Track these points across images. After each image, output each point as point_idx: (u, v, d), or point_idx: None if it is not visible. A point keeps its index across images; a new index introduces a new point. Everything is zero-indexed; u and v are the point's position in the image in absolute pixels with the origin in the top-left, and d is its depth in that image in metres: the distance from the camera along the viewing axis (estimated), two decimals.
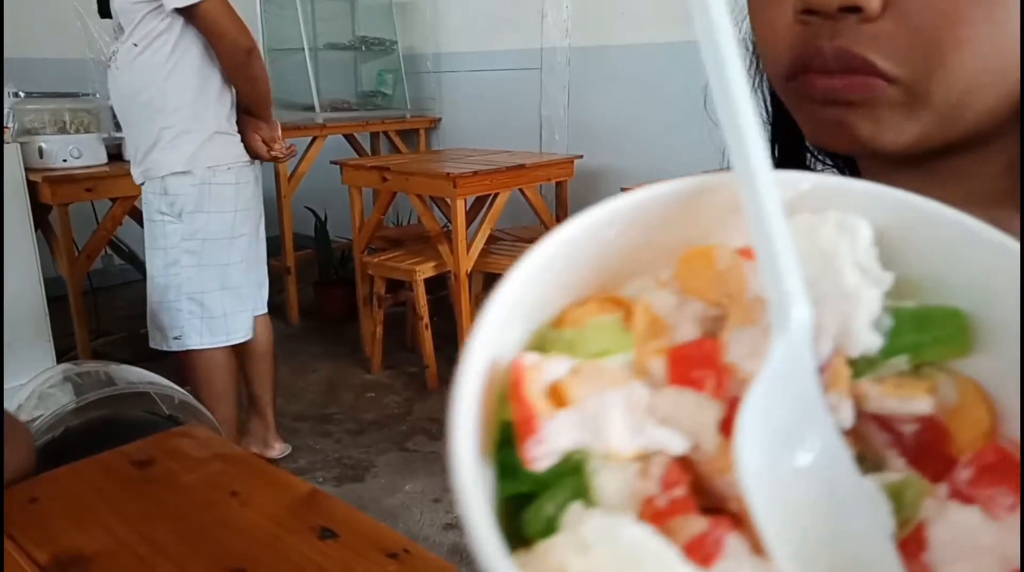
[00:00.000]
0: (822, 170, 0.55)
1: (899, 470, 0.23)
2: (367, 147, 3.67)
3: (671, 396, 0.22)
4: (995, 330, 0.23)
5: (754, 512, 0.20)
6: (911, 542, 0.21)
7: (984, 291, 0.23)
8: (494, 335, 0.21)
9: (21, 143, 2.38)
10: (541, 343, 0.23)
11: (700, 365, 0.22)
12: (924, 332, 0.23)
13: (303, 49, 3.27)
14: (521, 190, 2.83)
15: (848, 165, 0.53)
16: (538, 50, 3.19)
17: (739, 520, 0.21)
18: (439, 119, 3.68)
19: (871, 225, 0.23)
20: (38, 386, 1.50)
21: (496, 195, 2.71)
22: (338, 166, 2.90)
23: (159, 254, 1.89)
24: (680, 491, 0.20)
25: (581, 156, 2.91)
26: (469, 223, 2.64)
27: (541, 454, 0.20)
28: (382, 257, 2.75)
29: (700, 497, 0.21)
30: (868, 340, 0.22)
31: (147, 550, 0.64)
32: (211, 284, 1.91)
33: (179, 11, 1.71)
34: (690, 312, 0.24)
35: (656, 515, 0.20)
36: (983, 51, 0.35)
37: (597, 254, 0.23)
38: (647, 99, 2.97)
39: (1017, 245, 0.22)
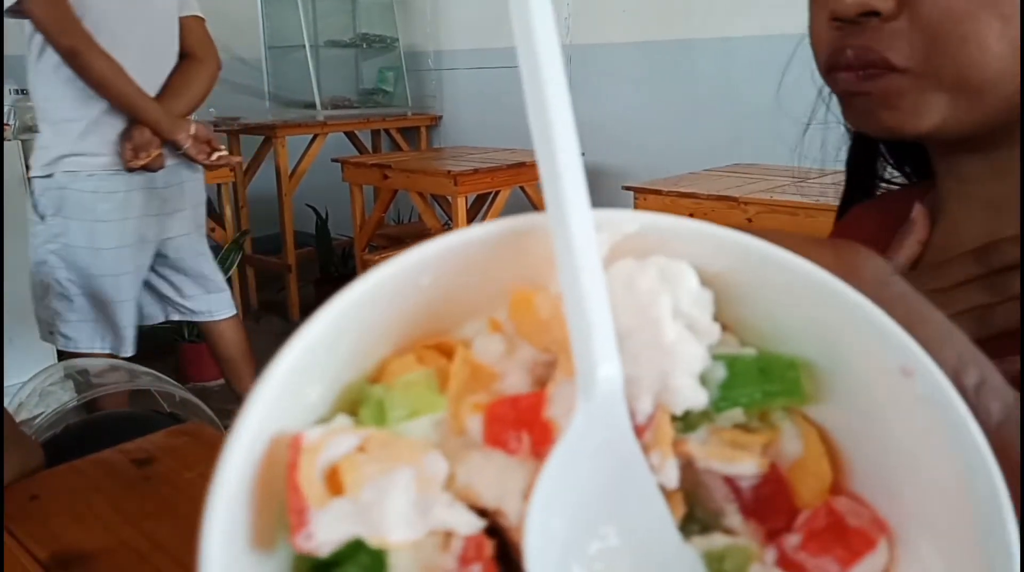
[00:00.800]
0: (893, 163, 0.58)
1: (735, 526, 0.22)
2: (368, 145, 3.67)
3: (477, 461, 0.21)
4: (839, 382, 0.22)
5: None
6: None
7: (825, 342, 0.22)
8: (271, 405, 0.19)
9: (22, 141, 2.39)
10: (356, 398, 0.22)
11: (515, 425, 0.21)
12: (757, 385, 0.22)
13: (304, 46, 3.28)
14: (522, 188, 2.83)
15: (920, 156, 0.54)
16: None
17: None
18: (440, 117, 3.68)
19: (707, 268, 0.22)
20: (39, 384, 1.51)
21: (497, 193, 2.72)
22: (339, 164, 2.90)
23: (32, 252, 1.82)
24: (478, 568, 0.20)
25: (582, 154, 2.90)
26: (470, 221, 2.65)
27: (312, 548, 0.19)
28: (383, 255, 2.76)
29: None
30: (691, 396, 0.21)
31: (148, 547, 0.64)
32: (80, 289, 1.80)
33: (10, 12, 1.63)
34: (520, 359, 0.22)
35: None
36: (989, 43, 0.40)
37: (418, 300, 0.22)
38: (648, 97, 2.96)
39: (859, 298, 0.21)
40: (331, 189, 3.26)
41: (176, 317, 2.00)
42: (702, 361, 0.21)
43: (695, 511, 0.22)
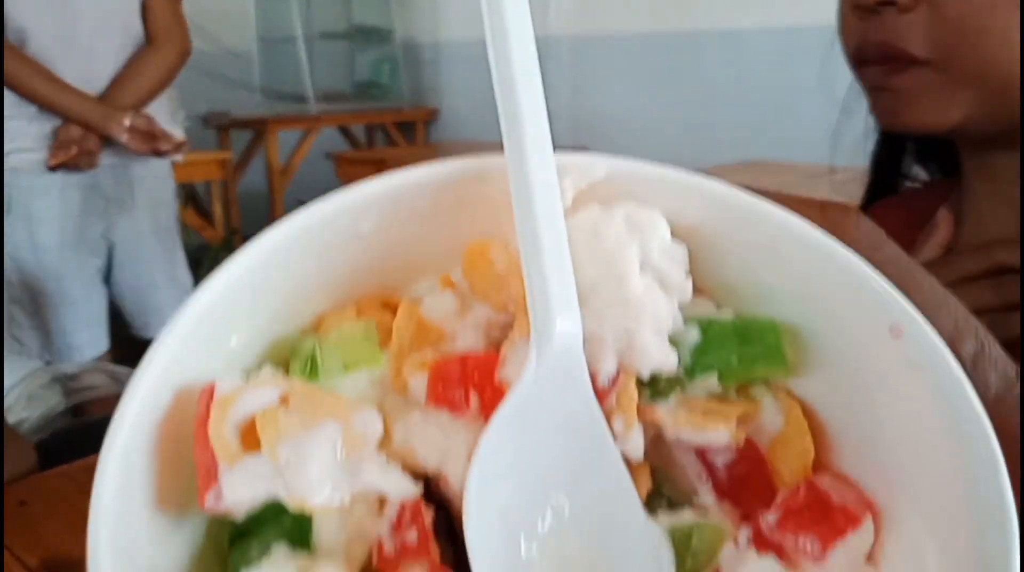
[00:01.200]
0: (918, 159, 0.58)
1: (707, 506, 0.21)
2: (363, 140, 3.67)
3: (417, 419, 0.19)
4: (825, 347, 0.21)
5: (473, 556, 0.18)
6: None
7: (811, 303, 0.20)
8: (180, 350, 0.18)
9: None
10: (288, 351, 0.21)
11: (463, 383, 0.19)
12: (733, 349, 0.20)
13: (297, 38, 3.28)
14: None
15: (947, 153, 0.55)
16: (541, 39, 3.18)
17: None
18: (438, 110, 3.68)
19: (682, 221, 0.21)
20: (26, 387, 1.51)
21: None
22: (333, 159, 2.90)
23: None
24: (413, 534, 0.18)
25: (586, 149, 2.91)
26: None
27: (222, 508, 0.18)
28: None
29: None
30: (659, 356, 0.19)
31: None
32: (28, 295, 1.75)
33: None
34: (474, 319, 0.21)
35: (385, 562, 0.18)
36: (1011, 36, 0.40)
37: (360, 251, 0.21)
38: (652, 91, 2.96)
39: (847, 254, 0.20)
40: (324, 186, 3.24)
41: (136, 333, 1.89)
42: (672, 318, 0.20)
43: (663, 489, 0.21)
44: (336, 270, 0.21)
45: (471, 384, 0.19)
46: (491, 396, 0.19)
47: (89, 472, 0.66)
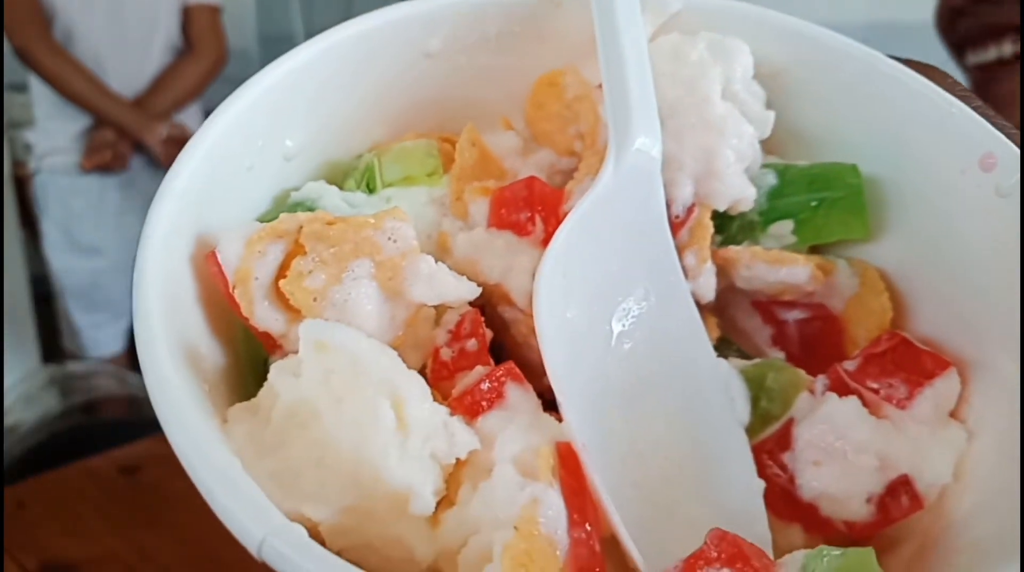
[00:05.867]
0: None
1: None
2: None
3: (481, 234, 0.19)
4: (906, 197, 0.20)
5: (548, 362, 0.17)
6: (777, 440, 0.18)
7: (896, 145, 0.19)
8: (231, 129, 0.18)
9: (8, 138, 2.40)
10: (341, 176, 0.20)
11: (528, 206, 0.19)
12: (811, 191, 0.19)
13: (297, 36, 3.30)
14: None
15: None
16: None
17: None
18: None
19: (763, 65, 0.20)
20: (24, 389, 1.53)
21: None
22: None
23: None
24: (473, 343, 0.18)
25: None
26: None
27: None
28: None
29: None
30: (737, 187, 0.19)
31: (136, 558, 0.65)
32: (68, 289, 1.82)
33: None
34: (536, 160, 0.21)
35: (439, 370, 0.18)
36: None
37: (423, 73, 0.20)
38: None
39: (936, 89, 0.19)
40: None
41: None
42: (752, 148, 0.19)
43: (732, 341, 0.20)
44: (398, 94, 0.20)
45: (537, 210, 0.19)
46: (555, 226, 0.18)
47: (87, 475, 0.68)
